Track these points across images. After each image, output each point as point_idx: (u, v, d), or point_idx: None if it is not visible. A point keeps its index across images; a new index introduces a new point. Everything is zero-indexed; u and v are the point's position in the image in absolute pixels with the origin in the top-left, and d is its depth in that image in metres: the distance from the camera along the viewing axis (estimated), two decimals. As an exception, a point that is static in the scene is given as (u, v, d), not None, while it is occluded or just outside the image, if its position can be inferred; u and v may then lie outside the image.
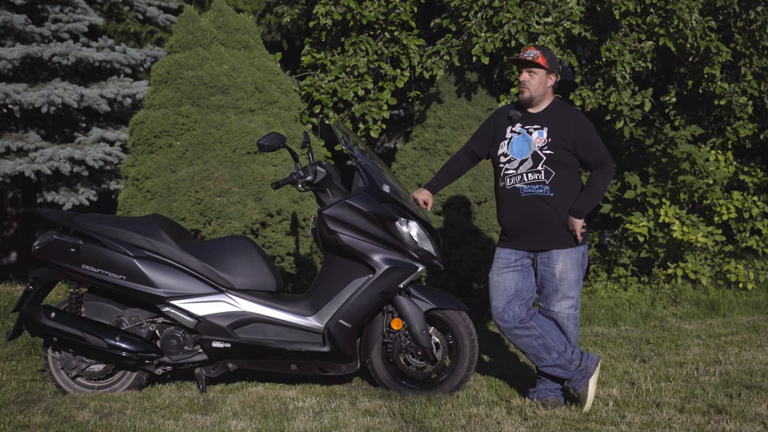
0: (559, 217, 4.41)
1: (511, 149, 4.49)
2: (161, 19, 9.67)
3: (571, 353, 4.44)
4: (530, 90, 4.47)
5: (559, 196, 4.41)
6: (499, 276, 4.53)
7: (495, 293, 4.53)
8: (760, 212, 8.31)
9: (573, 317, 4.50)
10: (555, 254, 4.44)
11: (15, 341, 5.93)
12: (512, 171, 4.48)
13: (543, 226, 4.43)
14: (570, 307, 4.47)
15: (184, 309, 4.72)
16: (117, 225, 4.82)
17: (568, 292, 4.45)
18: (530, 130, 4.47)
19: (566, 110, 4.56)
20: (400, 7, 7.26)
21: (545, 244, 4.45)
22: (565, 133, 4.41)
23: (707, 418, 4.14)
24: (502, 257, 4.56)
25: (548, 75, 4.48)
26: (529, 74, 4.47)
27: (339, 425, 4.12)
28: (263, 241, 6.19)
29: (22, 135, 8.46)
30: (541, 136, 4.43)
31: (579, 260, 4.47)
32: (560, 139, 4.40)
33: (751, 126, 7.97)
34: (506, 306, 4.48)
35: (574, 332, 4.52)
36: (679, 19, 6.73)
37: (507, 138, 4.54)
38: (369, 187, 4.75)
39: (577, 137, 4.41)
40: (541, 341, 4.44)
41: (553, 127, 4.44)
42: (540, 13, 6.67)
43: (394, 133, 10.31)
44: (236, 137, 6.28)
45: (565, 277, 4.44)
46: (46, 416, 4.27)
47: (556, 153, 4.40)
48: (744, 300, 7.53)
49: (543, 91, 4.49)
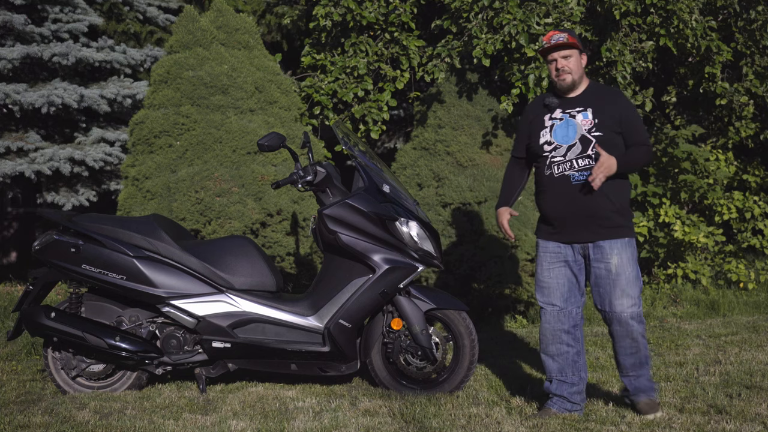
0: (612, 205, 4.13)
1: (555, 136, 4.21)
2: (161, 19, 9.67)
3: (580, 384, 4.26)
4: (572, 73, 4.20)
5: (611, 182, 4.10)
6: (550, 272, 4.25)
7: (548, 290, 4.25)
8: (762, 212, 8.31)
9: (637, 316, 4.13)
10: (608, 248, 4.12)
11: (15, 341, 5.93)
12: (560, 158, 4.18)
13: (595, 215, 4.12)
14: (633, 305, 4.11)
15: (184, 309, 4.72)
16: (117, 225, 4.82)
17: (628, 288, 4.11)
18: (572, 113, 4.21)
19: (607, 90, 4.33)
20: (400, 8, 7.26)
21: (597, 235, 4.13)
22: (612, 112, 4.16)
23: (707, 418, 4.14)
24: (550, 251, 4.26)
25: (581, 54, 4.25)
26: (564, 59, 4.20)
27: (339, 425, 4.12)
28: (263, 241, 6.19)
29: (22, 135, 8.47)
30: (586, 117, 4.17)
31: (634, 255, 4.15)
32: (608, 118, 4.14)
33: (752, 126, 7.97)
34: (564, 305, 4.23)
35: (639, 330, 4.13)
36: (680, 19, 6.73)
37: (547, 126, 4.26)
38: (369, 187, 4.75)
39: (624, 117, 4.16)
40: (576, 358, 4.26)
41: (597, 107, 4.18)
42: (540, 14, 6.67)
43: (394, 134, 10.31)
44: (236, 137, 6.28)
45: (623, 272, 4.10)
46: (46, 416, 4.27)
47: (605, 134, 4.12)
48: (744, 300, 7.53)
49: (581, 73, 4.24)
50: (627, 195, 4.25)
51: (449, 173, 6.92)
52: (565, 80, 4.22)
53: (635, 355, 4.19)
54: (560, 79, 4.23)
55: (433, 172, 6.99)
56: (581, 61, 4.25)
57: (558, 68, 4.22)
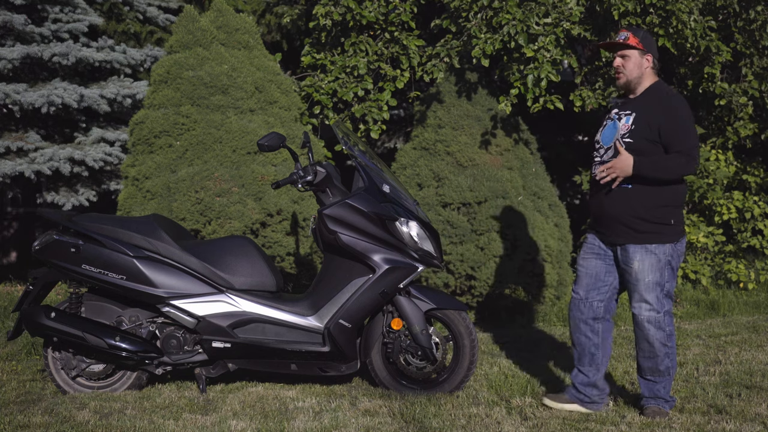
0: (633, 211, 4.15)
1: (603, 136, 4.29)
2: (161, 19, 9.67)
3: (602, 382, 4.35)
4: (625, 74, 4.23)
5: (637, 188, 4.13)
6: (584, 261, 4.38)
7: (577, 278, 4.41)
8: (761, 212, 8.30)
9: (655, 321, 4.19)
10: (632, 251, 4.18)
11: (15, 341, 5.93)
12: (599, 159, 4.28)
13: (619, 219, 4.18)
14: (650, 310, 4.18)
15: (184, 309, 4.72)
16: (117, 225, 4.82)
17: (645, 294, 4.18)
18: (621, 115, 4.24)
19: (662, 95, 4.23)
20: (400, 7, 7.25)
21: (621, 238, 4.20)
22: (651, 119, 4.13)
23: (707, 418, 4.14)
24: (589, 241, 4.40)
25: (643, 56, 4.22)
26: (622, 59, 4.24)
27: (339, 425, 4.12)
28: (263, 241, 6.19)
29: (22, 135, 8.46)
30: (627, 122, 4.18)
31: (660, 262, 4.16)
32: (645, 126, 4.13)
33: (751, 126, 7.97)
34: (586, 296, 4.34)
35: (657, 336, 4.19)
36: (678, 19, 6.73)
37: (603, 124, 4.35)
38: (369, 187, 4.75)
39: (664, 125, 4.11)
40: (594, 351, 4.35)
41: (641, 113, 4.17)
42: (540, 14, 6.67)
43: (394, 133, 10.30)
44: (236, 137, 6.28)
45: (642, 278, 4.17)
46: (46, 416, 4.27)
47: (635, 141, 4.12)
48: (744, 300, 7.53)
49: (639, 74, 4.23)
50: (660, 202, 4.17)
51: (449, 173, 6.92)
52: (618, 79, 4.29)
53: (652, 360, 4.23)
54: (616, 78, 4.31)
55: (433, 172, 6.99)
56: (642, 63, 4.24)
57: (614, 66, 4.30)
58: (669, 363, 4.24)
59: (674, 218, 4.19)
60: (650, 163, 4.09)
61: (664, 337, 4.21)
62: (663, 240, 4.17)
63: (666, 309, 4.21)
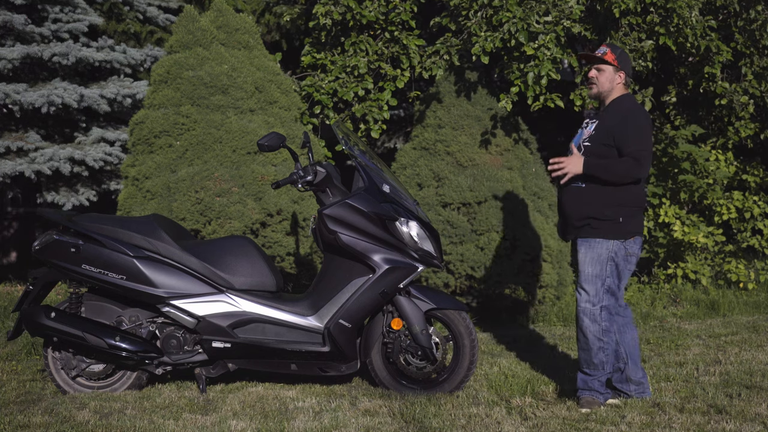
0: (585, 209, 4.41)
1: (575, 141, 4.58)
2: (161, 19, 9.66)
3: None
4: (597, 86, 4.53)
5: (590, 187, 4.41)
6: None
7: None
8: (761, 212, 8.30)
9: (590, 313, 4.39)
10: (579, 244, 4.47)
11: (15, 341, 5.93)
12: None
13: (572, 216, 4.47)
14: (587, 301, 4.40)
15: (184, 309, 4.72)
16: (117, 225, 4.82)
17: (584, 284, 4.42)
18: (589, 123, 4.57)
19: (624, 105, 4.52)
20: (400, 6, 7.25)
21: (571, 233, 4.52)
22: (609, 125, 4.43)
23: (707, 418, 4.14)
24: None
25: (617, 72, 4.51)
26: (597, 71, 4.53)
27: (339, 425, 4.12)
28: (263, 241, 6.19)
29: (22, 135, 8.46)
30: (590, 129, 4.51)
31: (601, 257, 4.38)
32: (603, 132, 4.44)
33: (752, 126, 7.97)
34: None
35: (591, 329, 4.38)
36: (679, 18, 6.73)
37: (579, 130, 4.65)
38: (369, 187, 4.75)
39: (618, 130, 4.40)
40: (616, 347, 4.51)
41: (603, 120, 4.49)
42: (540, 12, 6.67)
43: (394, 133, 10.30)
44: (236, 137, 6.28)
45: (583, 269, 4.43)
46: (46, 416, 4.27)
47: (592, 145, 4.44)
48: (744, 300, 7.53)
49: (610, 88, 4.52)
50: (611, 201, 4.38)
51: (449, 173, 6.92)
52: (591, 89, 4.59)
53: (586, 352, 4.44)
54: (588, 88, 4.63)
55: (433, 172, 6.99)
56: (614, 78, 4.52)
57: (588, 77, 4.59)
58: (603, 357, 4.41)
59: (624, 218, 4.40)
60: (599, 164, 4.37)
61: (598, 331, 4.40)
62: (608, 236, 4.39)
63: (604, 304, 4.40)
